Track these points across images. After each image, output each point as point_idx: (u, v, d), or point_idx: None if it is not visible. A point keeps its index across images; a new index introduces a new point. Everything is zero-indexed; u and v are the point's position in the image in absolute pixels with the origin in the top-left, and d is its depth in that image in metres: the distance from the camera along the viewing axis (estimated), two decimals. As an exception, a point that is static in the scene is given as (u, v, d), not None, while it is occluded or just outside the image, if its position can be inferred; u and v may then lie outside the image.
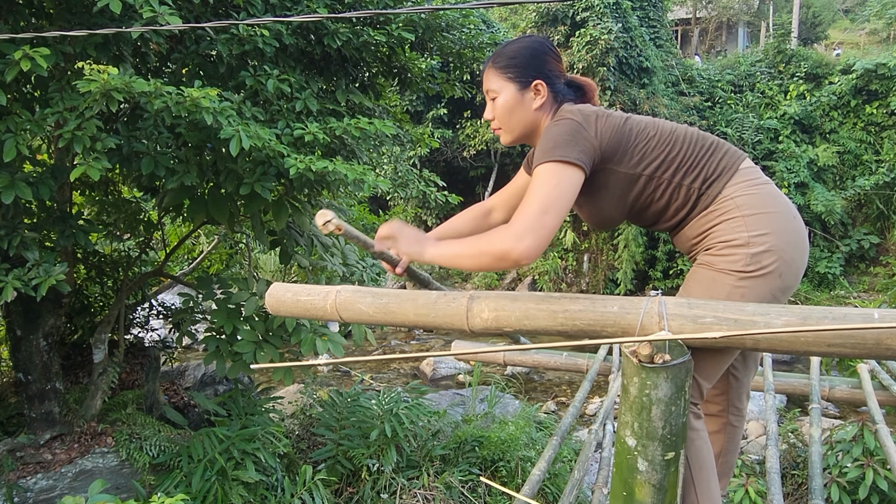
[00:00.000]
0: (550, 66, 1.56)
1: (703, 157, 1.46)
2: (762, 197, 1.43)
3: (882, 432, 2.77)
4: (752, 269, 1.38)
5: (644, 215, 1.54)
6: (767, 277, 1.38)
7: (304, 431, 4.68)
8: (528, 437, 4.58)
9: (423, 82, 4.50)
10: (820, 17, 24.49)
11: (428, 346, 10.24)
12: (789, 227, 1.42)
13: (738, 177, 1.45)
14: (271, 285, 1.63)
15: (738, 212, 1.41)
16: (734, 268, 1.39)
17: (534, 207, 1.33)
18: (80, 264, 4.87)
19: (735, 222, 1.41)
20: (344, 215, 5.00)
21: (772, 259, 1.38)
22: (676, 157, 1.46)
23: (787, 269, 1.40)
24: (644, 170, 1.46)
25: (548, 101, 1.55)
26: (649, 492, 1.26)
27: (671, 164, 1.46)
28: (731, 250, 1.40)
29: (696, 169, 1.45)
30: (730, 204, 1.42)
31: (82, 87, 2.57)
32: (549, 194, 1.34)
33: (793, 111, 13.88)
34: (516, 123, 1.57)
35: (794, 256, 1.41)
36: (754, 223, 1.39)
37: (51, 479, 3.58)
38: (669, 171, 1.46)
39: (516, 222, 1.32)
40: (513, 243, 1.29)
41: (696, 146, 1.48)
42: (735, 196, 1.43)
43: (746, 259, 1.38)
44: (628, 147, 1.46)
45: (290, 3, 3.57)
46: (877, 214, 13.38)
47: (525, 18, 14.04)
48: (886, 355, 1.09)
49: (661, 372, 1.17)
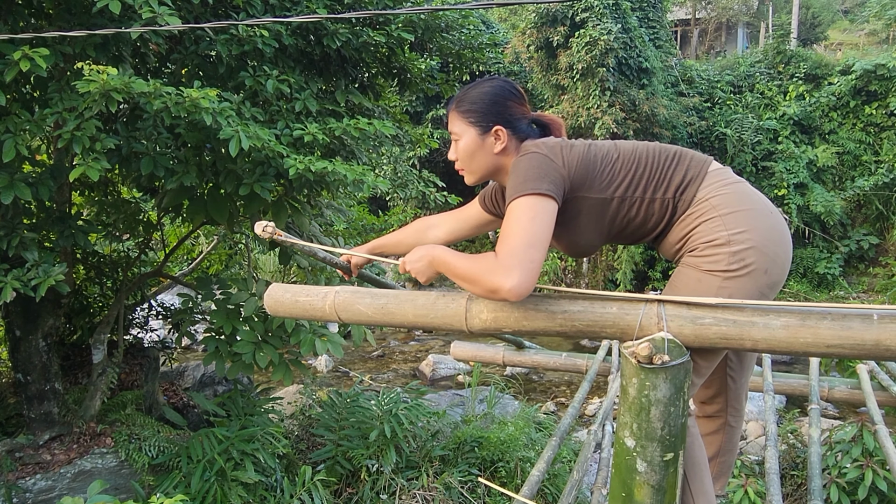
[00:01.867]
0: (512, 111, 1.57)
1: (669, 168, 1.48)
2: (737, 195, 1.44)
3: (881, 433, 2.77)
4: (735, 267, 1.38)
5: (624, 234, 1.55)
6: (752, 275, 1.38)
7: (304, 432, 4.68)
8: (527, 437, 4.58)
9: (423, 83, 4.50)
10: (819, 18, 24.50)
11: (428, 347, 10.25)
12: (767, 222, 1.43)
13: (708, 179, 1.46)
14: (270, 286, 1.63)
15: (714, 212, 1.42)
16: (718, 268, 1.39)
17: (519, 242, 1.32)
18: (79, 265, 4.87)
19: (713, 222, 1.42)
20: (343, 216, 5.00)
21: (754, 256, 1.38)
22: (644, 174, 1.48)
23: (771, 265, 1.40)
24: (615, 192, 1.47)
25: (510, 144, 1.57)
26: (648, 492, 1.26)
27: (640, 181, 1.48)
28: (713, 250, 1.40)
29: (664, 181, 1.47)
30: (706, 206, 1.44)
31: (81, 87, 2.57)
32: (528, 228, 1.33)
33: (792, 112, 13.89)
34: (477, 167, 1.60)
35: (777, 252, 1.42)
36: (732, 221, 1.40)
37: (50, 479, 3.58)
38: (640, 189, 1.47)
39: (506, 258, 1.30)
40: (503, 279, 1.27)
41: (661, 159, 1.49)
42: (710, 197, 1.44)
43: (729, 258, 1.38)
44: (595, 173, 1.47)
45: (289, 3, 3.57)
46: (876, 215, 13.39)
47: (524, 19, 14.04)
48: (885, 356, 1.09)
49: (660, 373, 1.17)
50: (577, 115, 12.89)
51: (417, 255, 1.44)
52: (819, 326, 1.11)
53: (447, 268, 1.39)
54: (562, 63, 13.12)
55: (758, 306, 1.18)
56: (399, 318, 1.44)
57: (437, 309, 1.41)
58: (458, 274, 1.36)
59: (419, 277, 1.44)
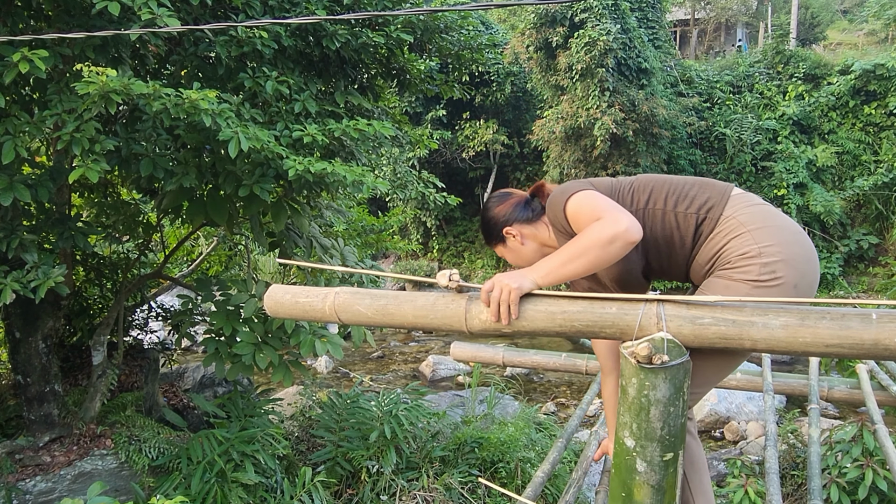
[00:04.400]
0: (507, 214, 1.73)
1: (691, 190, 1.54)
2: (762, 213, 1.48)
3: (881, 432, 2.77)
4: (765, 278, 1.39)
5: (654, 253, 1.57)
6: (782, 288, 1.39)
7: (304, 433, 4.68)
8: (527, 438, 4.58)
9: (422, 84, 4.50)
10: (818, 18, 24.52)
11: (428, 348, 10.25)
12: (795, 239, 1.45)
13: (733, 201, 1.51)
14: (270, 287, 1.63)
15: (743, 228, 1.45)
16: (748, 277, 1.41)
17: (602, 207, 1.43)
18: (78, 266, 4.87)
19: (743, 238, 1.44)
20: (343, 217, 5.00)
21: (784, 269, 1.39)
22: (666, 191, 1.55)
23: (800, 280, 1.41)
24: (637, 205, 1.55)
25: (525, 230, 1.72)
26: (648, 492, 1.26)
27: (662, 195, 1.55)
28: (746, 261, 1.42)
29: (687, 198, 1.53)
30: (733, 223, 1.47)
31: (81, 89, 2.57)
32: (598, 201, 1.46)
33: (791, 112, 13.90)
34: (525, 260, 1.74)
35: (807, 269, 1.43)
36: (761, 236, 1.43)
37: (50, 481, 3.58)
38: (661, 202, 1.54)
39: (604, 215, 1.39)
40: (615, 225, 1.36)
41: (681, 182, 1.57)
42: (737, 215, 1.47)
43: (759, 269, 1.40)
44: (620, 192, 1.57)
45: (288, 4, 3.57)
46: (875, 215, 13.40)
47: (524, 20, 14.05)
48: (884, 355, 1.10)
49: (659, 373, 1.18)
50: (576, 116, 12.89)
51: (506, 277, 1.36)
52: (818, 326, 1.11)
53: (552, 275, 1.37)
54: (561, 63, 13.12)
55: (756, 306, 1.18)
56: (399, 318, 1.44)
57: (437, 310, 1.41)
58: (566, 261, 1.38)
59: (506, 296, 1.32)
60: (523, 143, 15.57)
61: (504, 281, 1.31)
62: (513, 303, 1.30)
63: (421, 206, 15.16)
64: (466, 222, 16.92)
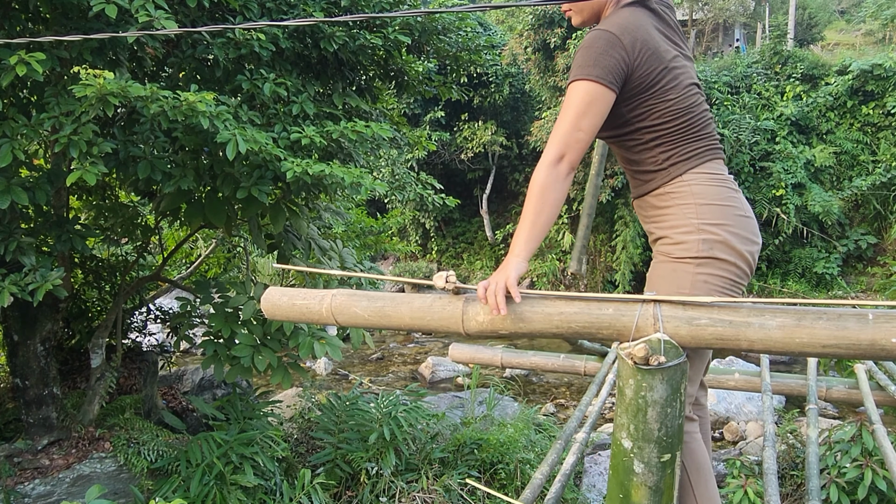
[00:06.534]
0: None
1: (685, 135, 1.53)
2: (719, 191, 1.50)
3: (879, 432, 2.77)
4: (705, 254, 1.44)
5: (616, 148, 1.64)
6: (723, 263, 1.44)
7: (303, 435, 4.67)
8: (526, 439, 4.58)
9: (420, 85, 4.50)
10: (816, 19, 24.52)
11: (427, 349, 10.24)
12: (740, 221, 1.49)
13: (704, 168, 1.52)
14: (267, 289, 1.63)
15: (692, 198, 1.48)
16: (688, 255, 1.45)
17: (566, 127, 1.43)
18: (77, 269, 4.86)
19: (687, 209, 1.48)
20: (342, 218, 5.00)
21: (722, 249, 1.44)
22: (662, 124, 1.52)
23: (738, 259, 1.46)
24: (628, 113, 1.53)
25: None
26: (645, 494, 1.26)
27: (653, 125, 1.52)
28: (682, 237, 1.47)
29: (671, 142, 1.52)
30: (685, 189, 1.49)
31: (78, 91, 2.57)
32: (580, 113, 1.43)
33: (789, 112, 13.90)
34: (587, 5, 1.63)
35: (752, 250, 1.49)
36: (706, 213, 1.46)
37: (48, 484, 3.57)
38: (648, 129, 1.53)
39: (550, 146, 1.43)
40: (551, 168, 1.41)
41: (687, 122, 1.53)
42: (693, 183, 1.49)
43: (698, 245, 1.44)
44: (644, 94, 1.50)
45: (286, 6, 3.58)
46: (874, 215, 13.40)
47: (521, 21, 14.06)
48: (881, 356, 1.10)
49: (656, 374, 1.18)
50: (574, 117, 12.88)
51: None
52: (815, 327, 1.11)
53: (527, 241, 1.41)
54: (559, 65, 13.12)
55: (754, 305, 1.18)
56: (396, 320, 1.44)
57: (434, 311, 1.41)
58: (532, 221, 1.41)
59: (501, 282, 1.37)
60: (522, 144, 15.57)
61: (493, 277, 1.38)
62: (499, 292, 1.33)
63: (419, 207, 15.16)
64: (465, 223, 16.92)
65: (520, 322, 1.34)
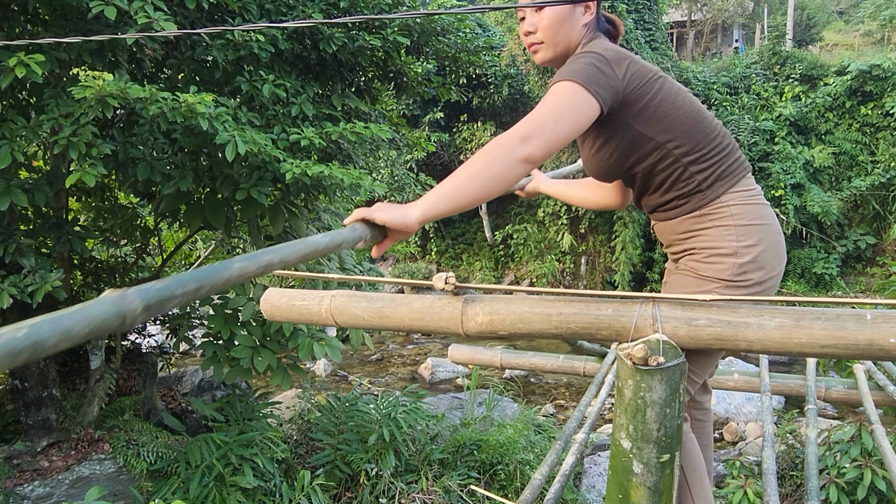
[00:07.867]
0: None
1: (719, 153, 1.43)
2: (756, 209, 1.44)
3: (878, 433, 2.77)
4: (738, 279, 1.39)
5: (636, 182, 1.50)
6: (751, 288, 1.40)
7: (303, 436, 4.67)
8: (526, 440, 4.58)
9: (420, 86, 4.51)
10: (814, 19, 24.57)
11: (426, 350, 10.24)
12: (775, 240, 1.45)
13: (740, 186, 1.44)
14: (266, 290, 1.63)
15: (731, 220, 1.42)
16: (721, 276, 1.40)
17: (546, 111, 1.25)
18: (76, 270, 4.86)
19: (726, 230, 1.41)
20: (341, 220, 5.00)
21: (758, 272, 1.40)
22: (693, 139, 1.41)
23: (769, 282, 1.43)
24: (657, 135, 1.40)
25: (591, 23, 1.49)
26: (645, 494, 1.26)
27: (686, 143, 1.41)
28: (719, 259, 1.41)
29: (706, 161, 1.41)
30: (725, 211, 1.42)
31: (77, 93, 2.58)
32: (565, 107, 1.27)
33: (788, 112, 13.91)
34: (562, 37, 1.47)
35: (779, 271, 1.45)
36: (745, 234, 1.40)
37: (48, 486, 3.57)
38: (682, 149, 1.40)
39: (521, 124, 1.23)
40: (513, 143, 1.19)
41: (717, 139, 1.43)
42: (732, 204, 1.43)
43: (734, 268, 1.39)
44: (651, 104, 1.38)
45: (285, 8, 3.58)
46: (873, 215, 13.42)
47: (521, 22, 14.07)
48: (879, 356, 1.10)
49: (655, 374, 1.18)
50: (573, 118, 12.89)
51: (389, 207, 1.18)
52: (813, 327, 1.11)
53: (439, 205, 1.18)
54: (558, 66, 13.14)
55: (753, 305, 1.18)
56: (395, 321, 1.44)
57: (433, 312, 1.41)
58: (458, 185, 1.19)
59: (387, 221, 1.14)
60: (521, 145, 15.56)
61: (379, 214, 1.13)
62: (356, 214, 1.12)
63: (419, 208, 15.14)
64: (464, 224, 16.93)
65: (519, 323, 1.34)
